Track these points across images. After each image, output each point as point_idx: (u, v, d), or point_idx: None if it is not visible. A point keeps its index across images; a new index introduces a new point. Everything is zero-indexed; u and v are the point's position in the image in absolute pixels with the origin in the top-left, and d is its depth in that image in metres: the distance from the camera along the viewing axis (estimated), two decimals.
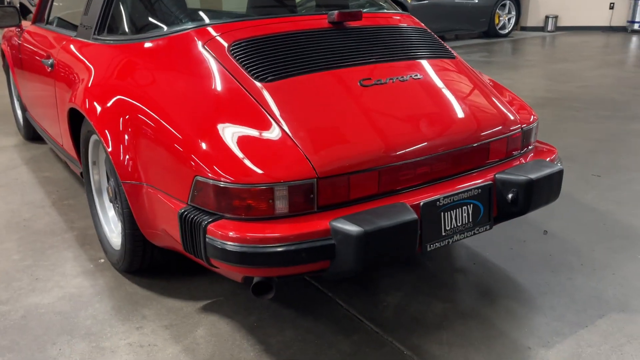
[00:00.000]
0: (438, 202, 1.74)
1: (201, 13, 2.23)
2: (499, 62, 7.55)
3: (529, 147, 2.14)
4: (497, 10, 9.90)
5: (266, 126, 1.70)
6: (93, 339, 1.86)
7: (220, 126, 1.70)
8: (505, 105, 2.10)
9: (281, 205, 1.59)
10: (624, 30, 10.72)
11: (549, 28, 10.89)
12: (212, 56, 1.88)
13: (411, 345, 1.81)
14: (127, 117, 1.88)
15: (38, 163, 3.61)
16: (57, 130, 2.77)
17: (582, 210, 2.80)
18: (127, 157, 1.87)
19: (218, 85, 1.82)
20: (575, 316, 1.95)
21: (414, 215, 1.59)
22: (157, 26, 2.20)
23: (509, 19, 10.20)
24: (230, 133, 1.68)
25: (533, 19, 11.03)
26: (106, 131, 1.92)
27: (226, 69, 1.84)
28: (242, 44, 1.92)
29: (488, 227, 1.89)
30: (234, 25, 2.00)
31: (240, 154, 1.62)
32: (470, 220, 1.83)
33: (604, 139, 3.98)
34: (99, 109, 2.00)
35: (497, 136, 1.96)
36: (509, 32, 10.28)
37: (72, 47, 2.46)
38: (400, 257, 1.62)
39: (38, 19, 3.25)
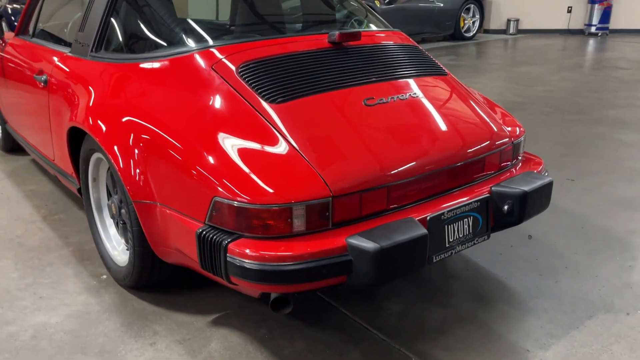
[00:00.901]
0: (442, 216, 1.84)
1: (202, 32, 2.27)
2: (467, 66, 7.76)
3: (518, 159, 2.27)
4: (462, 14, 10.15)
5: (280, 147, 1.76)
6: (108, 357, 1.89)
7: (236, 148, 1.76)
8: (496, 120, 2.22)
9: (299, 224, 1.66)
10: (582, 33, 11.14)
11: (511, 31, 11.22)
12: (222, 78, 1.93)
13: (417, 351, 1.91)
14: (138, 137, 1.92)
15: (21, 176, 3.56)
16: (49, 145, 2.76)
17: (561, 214, 2.96)
18: (139, 177, 1.90)
19: (230, 107, 1.87)
20: (566, 318, 2.09)
21: (424, 230, 1.68)
22: (160, 45, 2.23)
23: (474, 22, 10.48)
24: (246, 154, 1.74)
25: (496, 22, 11.35)
26: (116, 151, 1.95)
27: (237, 92, 1.89)
28: (250, 66, 1.97)
29: (486, 237, 2.01)
30: (239, 47, 2.06)
31: (257, 175, 1.68)
32: (471, 231, 1.94)
33: (573, 143, 4.18)
34: (107, 129, 2.03)
35: (491, 150, 2.08)
36: (474, 35, 10.55)
37: (68, 64, 2.47)
38: (412, 270, 1.71)
39: (21, 31, 3.22)
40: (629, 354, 1.90)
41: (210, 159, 1.74)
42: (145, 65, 2.11)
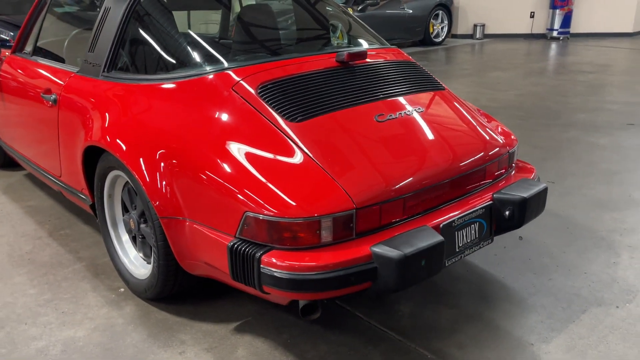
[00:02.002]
0: (453, 223, 1.99)
1: (216, 53, 2.36)
2: (439, 72, 8.00)
3: (513, 166, 2.44)
4: (432, 20, 10.44)
5: (305, 163, 1.88)
6: None
7: (263, 165, 1.87)
8: (494, 131, 2.39)
9: (326, 235, 1.78)
10: (544, 37, 11.56)
11: (477, 36, 11.57)
12: (243, 99, 2.04)
13: (433, 349, 2.05)
14: (164, 156, 2.01)
15: (17, 192, 3.58)
16: (56, 161, 2.80)
17: (547, 215, 3.15)
18: (167, 194, 1.99)
19: (253, 126, 1.98)
20: (563, 313, 2.27)
21: (440, 237, 1.83)
22: (177, 66, 2.33)
23: (442, 28, 10.78)
24: (273, 171, 1.85)
25: (463, 27, 11.69)
26: (142, 169, 2.04)
27: (259, 112, 2.01)
28: (268, 87, 2.09)
29: (490, 241, 2.17)
30: (255, 69, 2.17)
31: (286, 190, 1.80)
32: (477, 236, 2.10)
33: (550, 147, 4.41)
34: (130, 148, 2.11)
35: (492, 160, 2.24)
36: (443, 40, 10.85)
37: (80, 84, 2.53)
38: (431, 275, 1.85)
39: (18, 49, 3.25)
40: (623, 343, 2.08)
41: (240, 176, 1.85)
42: (166, 85, 2.20)
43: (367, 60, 2.40)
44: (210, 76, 2.15)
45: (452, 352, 2.03)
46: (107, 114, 2.30)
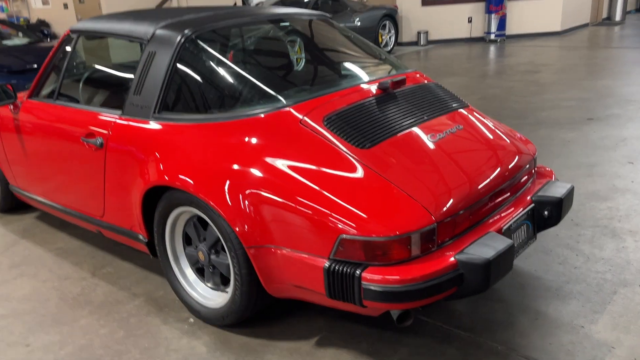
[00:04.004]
0: (510, 227, 2.25)
1: (270, 90, 2.51)
2: None
3: (535, 171, 2.74)
4: (380, 30, 10.85)
5: (383, 186, 2.08)
6: None
7: (347, 190, 2.05)
8: (519, 140, 2.67)
9: (415, 249, 1.99)
10: (483, 40, 12.24)
11: (422, 42, 12.11)
12: (313, 132, 2.22)
13: (500, 340, 2.30)
14: (247, 190, 2.15)
15: (37, 235, 3.57)
16: (97, 202, 2.86)
17: None
18: (251, 225, 2.14)
19: (329, 156, 2.16)
20: (597, 296, 2.57)
21: (510, 240, 2.08)
22: (232, 104, 2.47)
23: (390, 37, 11.22)
24: (358, 195, 2.04)
25: (407, 35, 12.21)
26: (227, 203, 2.16)
27: (330, 142, 2.19)
28: (332, 119, 2.28)
29: (534, 239, 2.44)
30: (313, 103, 2.35)
31: (375, 212, 1.99)
32: (526, 236, 2.37)
33: None
34: (208, 185, 2.23)
35: (525, 166, 2.52)
36: (392, 49, 11.30)
37: (129, 126, 2.61)
38: (505, 274, 2.09)
39: (35, 94, 3.27)
40: None
41: (329, 203, 2.03)
42: (230, 123, 2.33)
43: (406, 86, 2.63)
44: (277, 112, 2.31)
45: (518, 342, 2.28)
46: (170, 154, 2.41)
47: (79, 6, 11.55)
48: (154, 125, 2.54)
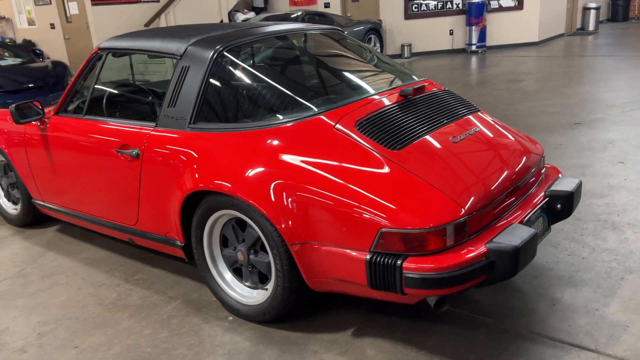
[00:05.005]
0: (530, 219, 2.45)
1: (299, 98, 2.69)
2: None
3: (544, 168, 2.95)
4: (366, 44, 11.15)
5: (417, 183, 2.27)
6: None
7: (385, 188, 2.23)
8: (529, 140, 2.89)
9: (449, 240, 2.18)
10: (464, 52, 12.62)
11: (406, 55, 12.45)
12: (347, 136, 2.40)
13: (524, 326, 2.49)
14: (289, 191, 2.32)
15: (62, 247, 3.67)
16: (130, 211, 2.99)
17: None
18: (295, 223, 2.30)
19: (364, 157, 2.34)
20: (607, 282, 2.78)
21: (533, 229, 2.27)
22: (265, 114, 2.64)
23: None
24: (395, 192, 2.22)
25: (391, 48, 12.54)
26: (271, 204, 2.32)
27: (364, 145, 2.37)
28: (363, 124, 2.47)
29: (549, 230, 2.65)
30: (344, 110, 2.53)
31: (412, 207, 2.18)
32: (542, 227, 2.57)
33: None
34: (251, 187, 2.38)
35: (538, 163, 2.73)
36: None
37: (166, 137, 2.76)
38: (530, 261, 2.29)
39: (63, 109, 3.40)
40: None
41: (369, 200, 2.20)
42: (267, 130, 2.50)
43: (424, 92, 2.84)
44: (310, 119, 2.49)
45: (540, 326, 2.48)
46: (210, 161, 2.56)
47: (67, 25, 11.62)
48: (189, 135, 2.70)
